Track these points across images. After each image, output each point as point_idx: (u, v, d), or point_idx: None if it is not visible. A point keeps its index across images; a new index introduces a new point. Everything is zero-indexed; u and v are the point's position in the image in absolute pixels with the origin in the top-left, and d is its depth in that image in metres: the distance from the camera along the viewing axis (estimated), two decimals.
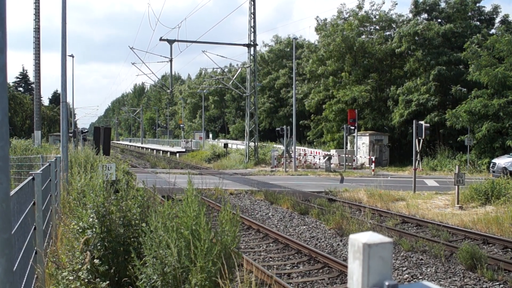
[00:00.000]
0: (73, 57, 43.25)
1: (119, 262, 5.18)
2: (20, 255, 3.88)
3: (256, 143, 34.52)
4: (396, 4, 56.93)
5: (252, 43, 33.44)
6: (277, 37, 60.96)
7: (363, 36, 37.59)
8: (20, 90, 70.77)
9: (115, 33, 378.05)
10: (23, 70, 74.26)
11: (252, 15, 33.04)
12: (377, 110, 35.44)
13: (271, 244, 10.81)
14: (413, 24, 32.41)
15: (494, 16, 34.51)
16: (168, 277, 4.32)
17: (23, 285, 4.04)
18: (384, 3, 62.12)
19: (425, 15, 35.40)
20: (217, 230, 4.68)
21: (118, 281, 5.11)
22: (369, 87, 35.37)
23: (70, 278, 4.73)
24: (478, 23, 34.32)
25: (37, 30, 31.70)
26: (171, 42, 31.42)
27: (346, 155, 30.30)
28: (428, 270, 8.68)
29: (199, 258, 4.22)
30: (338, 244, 10.82)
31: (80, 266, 4.76)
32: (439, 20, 34.78)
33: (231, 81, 38.99)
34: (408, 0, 35.53)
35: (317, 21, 40.65)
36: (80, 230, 5.27)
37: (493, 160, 22.63)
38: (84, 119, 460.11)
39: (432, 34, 31.26)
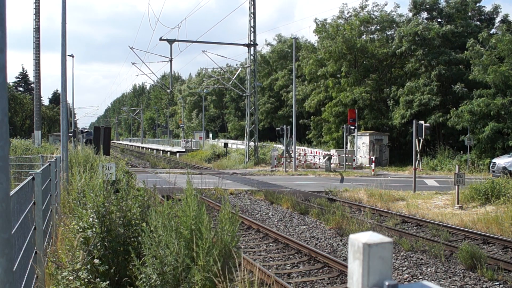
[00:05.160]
0: (73, 57, 43.25)
1: (119, 262, 5.18)
2: (20, 255, 3.88)
3: (256, 143, 34.52)
4: (399, 6, 56.73)
5: (252, 43, 33.43)
6: (280, 36, 60.48)
7: (364, 37, 37.56)
8: (20, 90, 70.74)
9: (116, 33, 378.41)
10: (23, 70, 74.19)
11: (252, 15, 33.03)
12: (377, 110, 35.43)
13: (271, 244, 10.81)
14: (413, 24, 32.39)
15: (494, 16, 34.48)
16: (167, 277, 4.32)
17: (23, 285, 4.04)
18: (386, 4, 61.92)
19: (425, 15, 35.39)
20: (217, 229, 4.68)
21: (118, 281, 5.11)
22: (369, 88, 35.36)
23: (70, 278, 4.73)
24: (478, 23, 34.30)
25: (37, 30, 31.68)
26: (171, 42, 31.42)
27: (346, 155, 30.30)
28: (428, 270, 8.68)
29: (201, 257, 4.22)
30: (338, 244, 10.81)
31: (80, 266, 4.76)
32: (439, 20, 34.76)
33: (231, 81, 38.98)
34: (408, 0, 35.53)
35: (316, 23, 40.65)
36: (80, 230, 5.27)
37: (493, 160, 22.63)
38: (84, 119, 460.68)
39: (432, 34, 31.25)
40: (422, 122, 18.87)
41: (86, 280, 4.73)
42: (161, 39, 31.56)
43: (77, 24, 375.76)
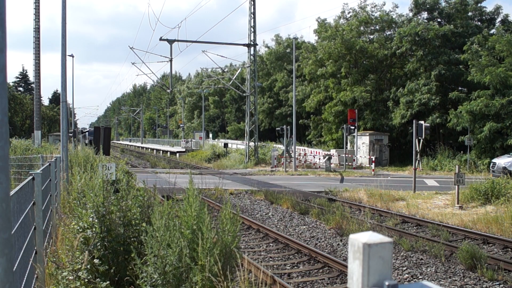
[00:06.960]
0: (73, 57, 43.22)
1: (119, 262, 5.18)
2: (20, 255, 3.88)
3: (256, 143, 34.52)
4: (397, 6, 56.70)
5: (252, 43, 33.43)
6: (278, 37, 60.37)
7: (363, 37, 37.54)
8: (20, 90, 70.73)
9: (117, 34, 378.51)
10: (23, 70, 74.22)
11: (252, 15, 33.04)
12: (376, 110, 35.43)
13: (271, 244, 10.81)
14: (413, 25, 32.38)
15: (495, 16, 34.41)
16: (169, 276, 4.32)
17: (23, 285, 4.04)
18: (385, 4, 61.89)
19: (425, 14, 35.37)
20: (218, 230, 4.68)
21: (118, 281, 5.11)
22: (369, 87, 35.35)
23: (70, 278, 4.73)
24: (479, 23, 34.25)
25: (37, 30, 31.67)
26: (171, 42, 31.43)
27: (346, 155, 30.30)
28: (428, 270, 8.68)
29: (201, 256, 4.22)
30: (338, 244, 10.81)
31: (80, 266, 4.76)
32: (439, 20, 34.73)
33: (231, 81, 38.98)
34: (409, 0, 35.53)
35: (318, 22, 40.62)
36: (80, 230, 5.27)
37: (493, 160, 22.62)
38: (84, 119, 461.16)
39: (432, 34, 31.24)
40: (422, 122, 18.87)
41: (86, 280, 4.73)
42: (161, 39, 31.57)
43: (78, 24, 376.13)
